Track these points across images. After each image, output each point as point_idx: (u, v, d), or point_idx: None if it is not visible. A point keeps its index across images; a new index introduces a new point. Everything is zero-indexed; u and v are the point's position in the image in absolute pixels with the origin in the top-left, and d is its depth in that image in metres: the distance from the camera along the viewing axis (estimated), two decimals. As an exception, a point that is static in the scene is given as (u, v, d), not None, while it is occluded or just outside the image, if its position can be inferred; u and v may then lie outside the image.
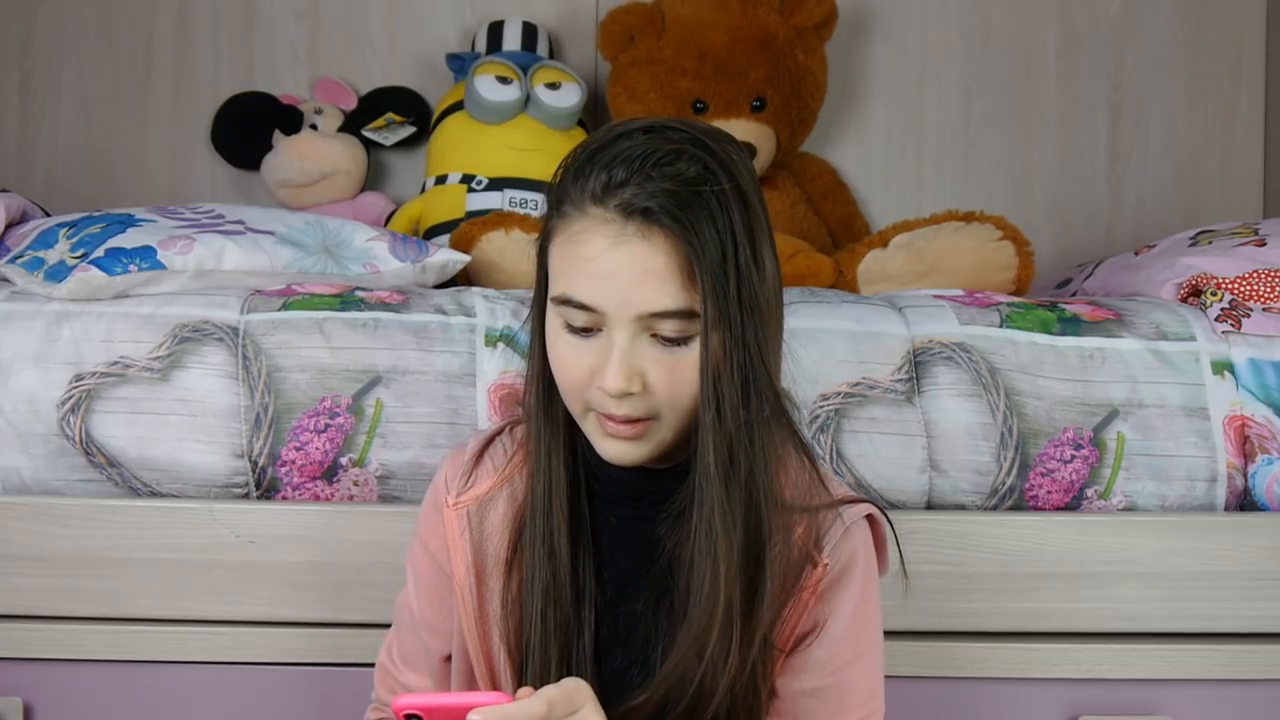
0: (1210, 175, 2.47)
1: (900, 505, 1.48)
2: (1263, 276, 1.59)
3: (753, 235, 1.01)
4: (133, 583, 1.43)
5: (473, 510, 1.15)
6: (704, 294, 0.98)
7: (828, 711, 1.09)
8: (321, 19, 2.42)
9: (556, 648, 1.09)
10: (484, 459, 1.18)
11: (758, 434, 1.02)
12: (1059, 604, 1.45)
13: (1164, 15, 2.46)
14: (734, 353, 0.99)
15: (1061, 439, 1.48)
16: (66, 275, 1.50)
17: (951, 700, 1.46)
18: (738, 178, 1.01)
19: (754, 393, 1.01)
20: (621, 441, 1.04)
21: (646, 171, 0.99)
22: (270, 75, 2.41)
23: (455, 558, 1.14)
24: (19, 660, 1.44)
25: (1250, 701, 1.47)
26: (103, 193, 2.36)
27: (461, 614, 1.14)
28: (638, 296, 0.99)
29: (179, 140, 2.42)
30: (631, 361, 1.00)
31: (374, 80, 2.41)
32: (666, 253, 0.98)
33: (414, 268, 1.68)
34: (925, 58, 2.47)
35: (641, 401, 1.01)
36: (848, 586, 1.09)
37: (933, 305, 1.57)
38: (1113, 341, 1.52)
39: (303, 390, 1.47)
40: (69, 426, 1.46)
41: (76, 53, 2.40)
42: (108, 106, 2.42)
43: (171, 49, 2.41)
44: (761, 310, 1.01)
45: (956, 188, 2.46)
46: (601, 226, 0.99)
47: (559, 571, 1.09)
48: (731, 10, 2.21)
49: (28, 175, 2.38)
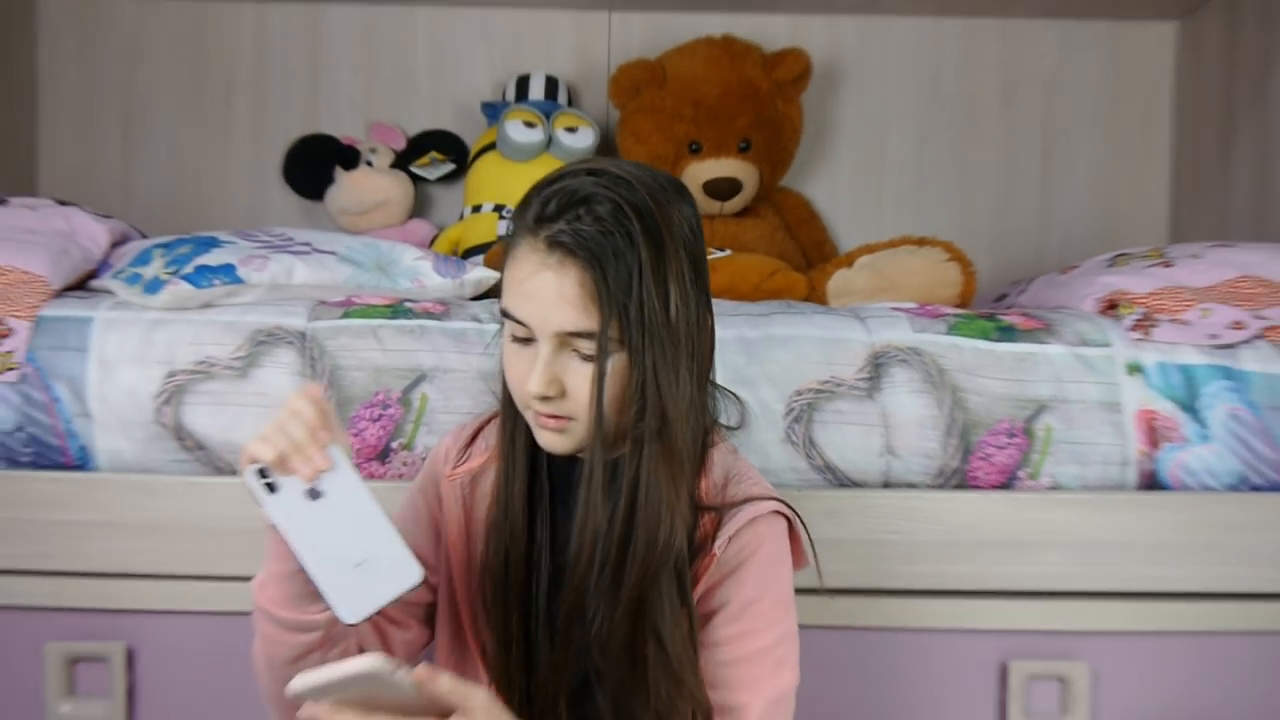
0: (1125, 207, 2.47)
1: (861, 484, 1.49)
2: (1169, 293, 1.59)
3: (662, 275, 1.01)
4: (216, 546, 1.44)
5: (465, 482, 1.17)
6: (605, 318, 0.99)
7: (739, 681, 1.08)
8: (375, 72, 2.42)
9: (516, 596, 1.11)
10: (478, 439, 1.20)
11: (645, 445, 1.03)
12: (994, 567, 1.46)
13: (1087, 73, 2.46)
14: (632, 372, 1.01)
15: (998, 429, 1.49)
16: (161, 288, 1.51)
17: (905, 648, 1.47)
18: (660, 223, 1.01)
19: (645, 407, 1.02)
20: (549, 433, 1.07)
21: (575, 210, 1.00)
22: (332, 120, 2.42)
23: (449, 521, 1.16)
24: (122, 611, 1.45)
25: (1155, 650, 1.47)
26: (191, 219, 2.36)
27: (453, 567, 1.15)
28: (555, 316, 1.01)
29: (255, 175, 2.43)
30: (552, 370, 1.03)
31: (420, 124, 2.41)
32: (578, 283, 1.00)
33: (454, 283, 1.69)
34: (885, 107, 2.47)
35: (560, 404, 1.04)
36: (746, 574, 1.09)
37: (890, 316, 1.58)
38: (1042, 347, 1.52)
39: (360, 386, 1.48)
40: (163, 416, 1.47)
41: (169, 102, 2.41)
42: (195, 147, 2.42)
43: (249, 98, 2.42)
44: (663, 340, 1.01)
45: (911, 217, 2.46)
46: (532, 254, 1.02)
47: (516, 540, 1.11)
48: (722, 67, 2.22)
49: (129, 204, 2.38)
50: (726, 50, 2.24)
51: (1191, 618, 1.47)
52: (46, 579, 1.44)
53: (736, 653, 1.08)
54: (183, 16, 2.40)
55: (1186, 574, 1.47)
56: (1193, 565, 1.47)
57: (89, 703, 1.45)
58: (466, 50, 2.43)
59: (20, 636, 1.45)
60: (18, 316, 1.49)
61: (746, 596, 1.08)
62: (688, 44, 2.28)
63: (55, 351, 1.48)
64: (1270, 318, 1.54)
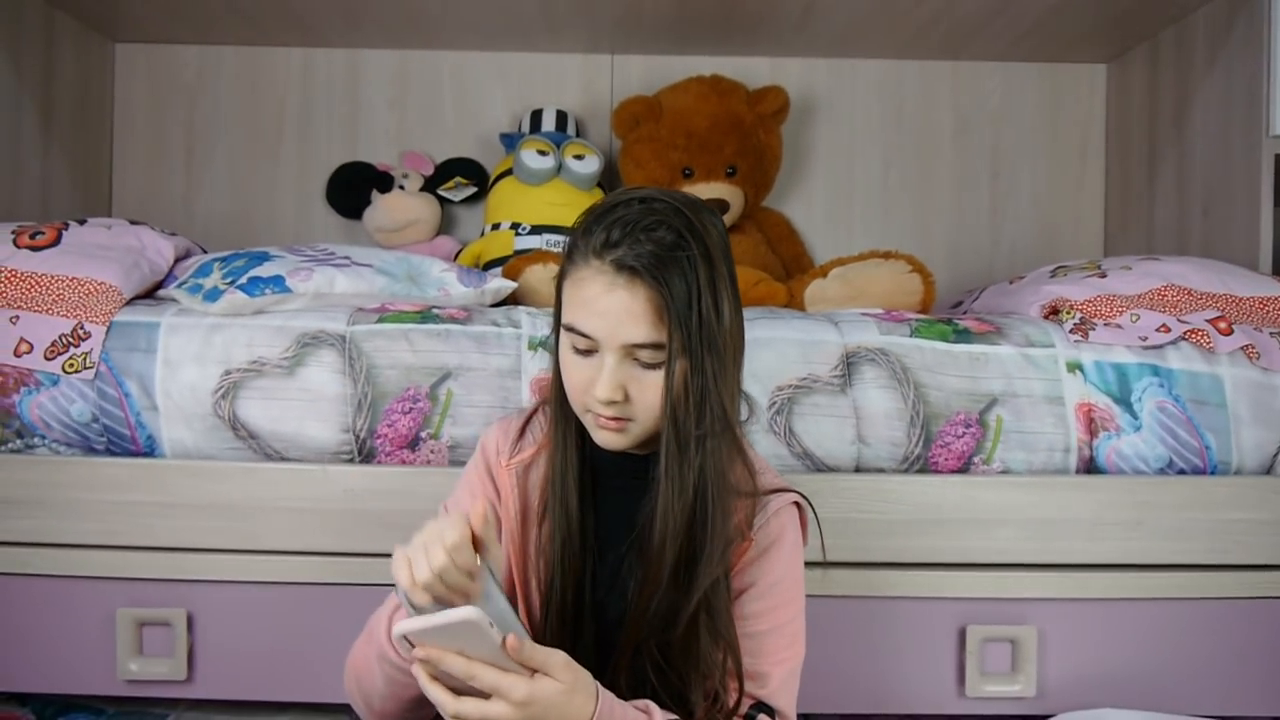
0: (1064, 225, 2.46)
1: (835, 469, 1.47)
2: (1104, 300, 1.58)
3: (715, 289, 1.01)
4: (268, 524, 1.42)
5: (519, 471, 1.14)
6: (671, 331, 0.98)
7: (764, 651, 1.08)
8: (408, 108, 2.42)
9: (571, 581, 1.09)
10: (526, 432, 1.17)
11: (708, 441, 1.02)
12: (953, 542, 1.45)
13: (1029, 108, 2.46)
14: (693, 378, 1.00)
15: (955, 420, 1.47)
16: (219, 297, 1.50)
17: (874, 613, 1.45)
18: (707, 242, 1.01)
19: (707, 409, 1.01)
20: (608, 433, 1.05)
21: (635, 235, 0.99)
22: (369, 149, 2.41)
23: (506, 505, 1.14)
24: (184, 581, 1.44)
25: (1094, 615, 1.46)
26: (245, 236, 2.36)
27: (510, 550, 1.13)
28: (622, 331, 1.00)
29: (302, 197, 2.42)
30: (617, 378, 1.01)
31: (446, 152, 2.40)
32: (645, 300, 0.99)
33: (476, 292, 1.67)
34: (854, 137, 2.46)
35: (623, 408, 1.03)
36: (773, 557, 1.09)
37: (860, 320, 1.56)
38: (993, 348, 1.51)
39: (393, 382, 1.46)
40: (220, 409, 1.45)
41: (227, 134, 2.40)
42: (249, 173, 2.41)
43: (296, 131, 2.41)
44: (718, 347, 1.01)
45: (877, 233, 2.45)
46: (600, 276, 1.00)
47: (571, 526, 1.09)
48: (711, 102, 2.21)
49: (191, 223, 2.38)
50: (715, 88, 2.24)
51: (1125, 586, 1.46)
52: (117, 553, 1.43)
53: (761, 626, 1.08)
54: (239, 60, 2.40)
55: (1121, 548, 1.46)
56: (1127, 540, 1.45)
57: (155, 662, 1.43)
58: (487, 88, 2.42)
59: (95, 603, 1.43)
60: (94, 322, 1.48)
61: (773, 577, 1.09)
62: (680, 82, 2.28)
63: (126, 352, 1.47)
64: (1192, 322, 1.54)
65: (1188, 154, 2.12)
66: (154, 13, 2.20)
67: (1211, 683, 1.46)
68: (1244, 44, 1.93)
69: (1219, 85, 2.01)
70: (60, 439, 1.47)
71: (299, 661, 1.44)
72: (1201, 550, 1.46)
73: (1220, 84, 2.01)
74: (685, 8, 2.13)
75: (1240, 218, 1.93)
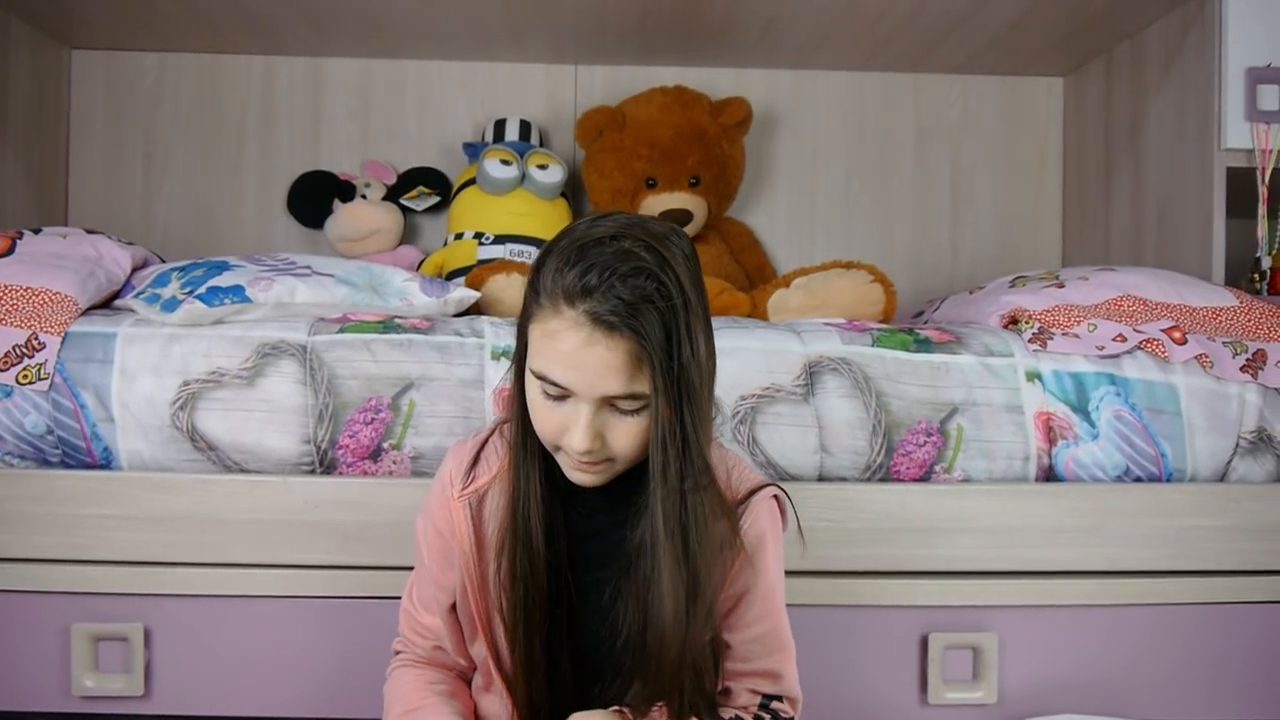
0: (1023, 236, 2.49)
1: (798, 478, 1.47)
2: (1062, 310, 1.60)
3: (691, 330, 0.97)
4: (227, 537, 1.41)
5: (473, 501, 1.11)
6: (651, 381, 0.96)
7: (766, 650, 1.10)
8: (369, 117, 2.40)
9: (539, 615, 1.07)
10: (481, 459, 1.14)
11: (691, 493, 1.00)
12: (915, 550, 1.45)
13: (989, 119, 2.48)
14: (673, 420, 0.97)
15: (917, 429, 1.48)
16: (177, 307, 1.48)
17: (836, 621, 1.45)
18: (680, 279, 0.97)
19: (689, 456, 0.99)
20: (584, 473, 1.02)
21: (611, 283, 0.94)
22: (331, 158, 2.39)
23: (460, 539, 1.11)
24: (141, 595, 1.41)
25: (1054, 621, 1.47)
26: (205, 245, 2.34)
27: (466, 583, 1.10)
28: (600, 384, 0.96)
29: (263, 206, 2.39)
30: (594, 428, 0.98)
31: (409, 161, 2.39)
32: (625, 353, 0.95)
33: (438, 302, 1.66)
34: (816, 148, 2.47)
35: (600, 453, 1.00)
36: (762, 559, 1.09)
37: (823, 330, 1.57)
38: (954, 357, 1.52)
39: (355, 393, 1.45)
40: (179, 420, 1.43)
41: (186, 143, 2.38)
42: (209, 181, 2.39)
43: (257, 139, 2.39)
44: (695, 390, 0.98)
45: (840, 244, 2.46)
46: (574, 329, 0.95)
47: (536, 563, 1.06)
48: (675, 112, 2.21)
49: (149, 231, 2.35)
50: (678, 98, 2.24)
51: (1084, 592, 1.47)
52: (73, 566, 1.41)
53: (764, 628, 1.10)
54: (199, 67, 2.38)
55: (1080, 555, 1.47)
56: (1085, 547, 1.47)
57: (111, 677, 1.41)
58: (450, 97, 2.41)
59: (50, 618, 1.41)
60: (49, 332, 1.45)
61: (767, 581, 1.09)
62: (644, 92, 2.28)
63: (82, 363, 1.44)
64: (1147, 331, 1.55)
65: (1142, 166, 2.15)
66: (111, 19, 2.18)
67: (1171, 688, 1.48)
68: (1196, 59, 1.96)
69: (1173, 99, 2.04)
70: (14, 451, 1.45)
71: (258, 675, 1.42)
72: (1160, 556, 1.47)
73: (1174, 98, 2.04)
74: (649, 18, 2.13)
75: (1194, 229, 1.96)
